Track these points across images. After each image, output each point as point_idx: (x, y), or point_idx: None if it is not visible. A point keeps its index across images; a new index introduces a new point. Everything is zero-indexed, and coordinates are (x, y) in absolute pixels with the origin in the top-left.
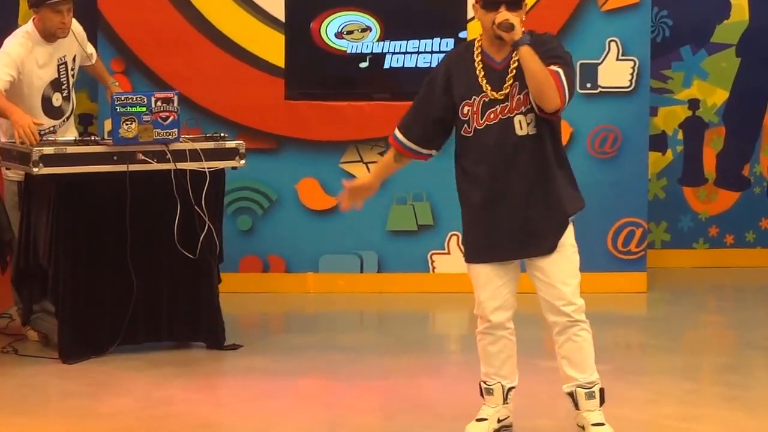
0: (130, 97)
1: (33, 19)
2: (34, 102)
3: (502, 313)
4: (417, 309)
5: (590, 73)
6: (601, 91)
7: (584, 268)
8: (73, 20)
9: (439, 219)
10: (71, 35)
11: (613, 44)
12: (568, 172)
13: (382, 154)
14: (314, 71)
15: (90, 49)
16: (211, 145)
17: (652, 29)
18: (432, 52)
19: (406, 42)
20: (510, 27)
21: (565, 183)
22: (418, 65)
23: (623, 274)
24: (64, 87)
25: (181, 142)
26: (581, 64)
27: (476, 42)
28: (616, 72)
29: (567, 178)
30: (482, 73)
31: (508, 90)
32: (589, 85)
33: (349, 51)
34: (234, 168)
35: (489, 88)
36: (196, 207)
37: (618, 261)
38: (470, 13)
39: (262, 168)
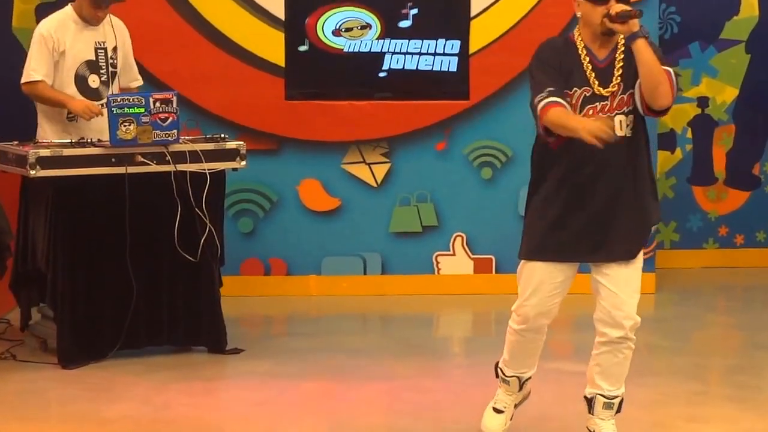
0: (127, 98)
1: (72, 4)
2: (66, 77)
3: (543, 320)
4: (421, 311)
5: None
6: None
7: None
8: (118, 19)
9: (443, 220)
10: (112, 27)
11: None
12: (653, 181)
13: (385, 154)
14: (314, 70)
15: (136, 74)
16: (211, 146)
17: (659, 26)
18: (435, 54)
19: (407, 42)
20: (629, 16)
21: (651, 190)
22: (419, 68)
23: None
24: (102, 71)
25: (181, 143)
26: None
27: (575, 38)
28: None
29: (653, 186)
30: (590, 66)
31: (615, 88)
32: None
33: (346, 49)
34: (234, 169)
35: (596, 83)
36: (196, 209)
37: None
38: (474, 11)
39: (263, 169)
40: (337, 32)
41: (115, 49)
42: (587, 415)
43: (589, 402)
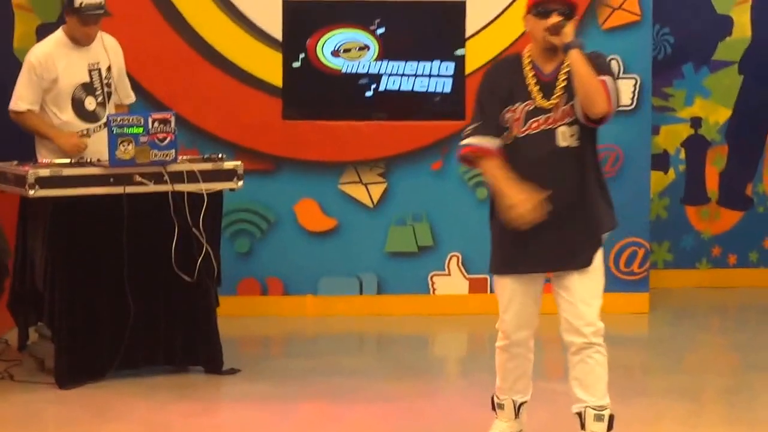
0: (126, 118)
1: (63, 27)
2: (62, 101)
3: (523, 332)
4: (417, 332)
5: None
6: None
7: None
8: (110, 36)
9: (439, 240)
10: (104, 46)
11: (614, 62)
12: (605, 189)
13: (381, 175)
14: (311, 91)
15: (129, 90)
16: (208, 166)
17: (653, 47)
18: (430, 76)
19: (404, 63)
20: (560, 27)
21: (602, 200)
22: (415, 89)
23: (625, 294)
24: (98, 93)
25: (179, 163)
26: None
27: (525, 53)
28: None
29: (604, 195)
30: (533, 80)
31: (557, 100)
32: None
33: (344, 70)
34: (232, 190)
35: (539, 95)
36: (193, 229)
37: (620, 281)
38: (468, 32)
39: (260, 189)
40: (335, 53)
41: (108, 68)
42: None
43: (580, 417)
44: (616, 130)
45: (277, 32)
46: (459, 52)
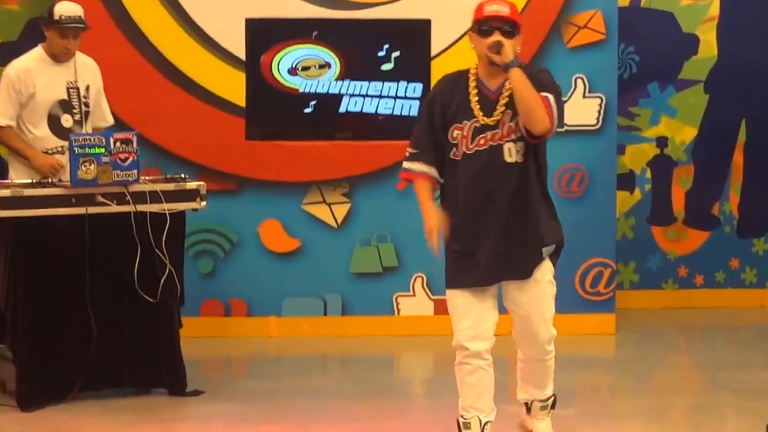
0: (88, 138)
1: (42, 44)
2: (37, 117)
3: (479, 343)
4: (382, 352)
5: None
6: (567, 130)
7: None
8: (89, 57)
9: (403, 260)
10: (83, 66)
11: (579, 81)
12: (549, 204)
13: (345, 194)
14: (275, 110)
15: (107, 113)
16: (171, 186)
17: (618, 66)
18: (396, 98)
19: (368, 83)
20: (499, 46)
21: (546, 214)
22: (379, 112)
23: (591, 315)
24: (75, 111)
25: (141, 183)
26: None
27: (471, 70)
28: (582, 109)
29: (548, 209)
30: (476, 98)
31: (499, 117)
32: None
33: (302, 90)
34: (195, 210)
35: (481, 113)
36: (156, 250)
37: (586, 302)
38: (434, 50)
39: (224, 210)
40: (293, 71)
41: (87, 88)
42: (524, 416)
43: (527, 406)
44: (582, 150)
45: (239, 50)
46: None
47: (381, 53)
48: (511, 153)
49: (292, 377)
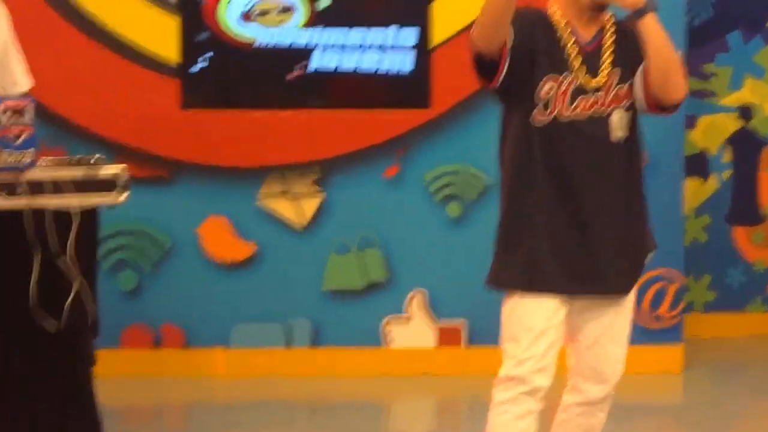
0: None
1: None
2: None
3: (542, 379)
4: (366, 398)
5: None
6: None
7: None
8: None
9: (395, 273)
10: None
11: None
12: (645, 199)
13: (316, 183)
14: (221, 69)
15: (19, 74)
16: (79, 173)
17: (687, 8)
18: (382, 48)
19: (347, 30)
20: None
21: (645, 212)
22: (360, 69)
23: (652, 347)
24: None
25: (39, 168)
26: None
27: (553, 12)
28: None
29: (646, 205)
30: (576, 49)
31: (605, 78)
32: None
33: (259, 43)
34: (112, 206)
35: (584, 69)
36: (60, 259)
37: (645, 330)
38: None
39: (152, 205)
40: (246, 16)
41: None
42: None
43: None
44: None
45: None
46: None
47: None
48: (621, 126)
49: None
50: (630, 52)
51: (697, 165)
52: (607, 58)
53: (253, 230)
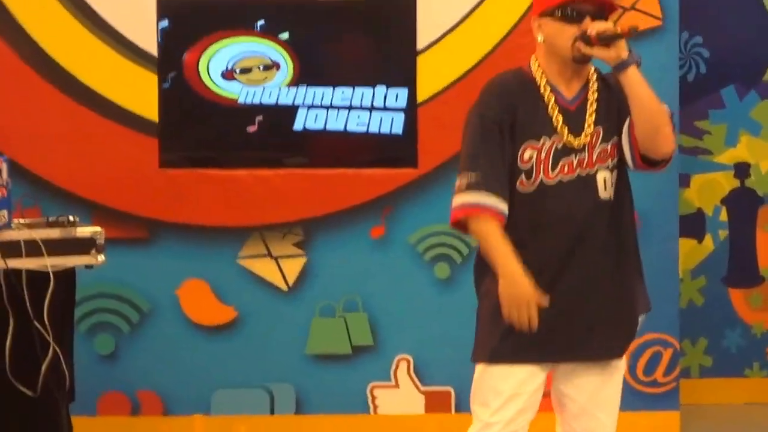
0: None
1: None
2: None
3: None
4: None
5: None
6: None
7: None
8: None
9: (382, 337)
10: None
11: None
12: (639, 259)
13: (297, 244)
14: (200, 127)
15: None
16: (55, 233)
17: (681, 63)
18: (372, 109)
19: (332, 90)
20: (616, 37)
21: (638, 270)
22: (348, 129)
23: (646, 413)
24: None
25: (14, 229)
26: None
27: (533, 70)
28: None
29: (639, 266)
30: (556, 108)
31: (588, 138)
32: None
33: (242, 100)
34: (89, 267)
35: (566, 129)
36: (35, 322)
37: (639, 395)
38: (421, 43)
39: (130, 266)
40: (229, 74)
41: None
42: None
43: None
44: (631, 181)
45: (150, 45)
46: None
47: (349, 48)
48: (606, 186)
49: None
50: (614, 108)
51: (693, 225)
52: (590, 115)
53: (233, 293)
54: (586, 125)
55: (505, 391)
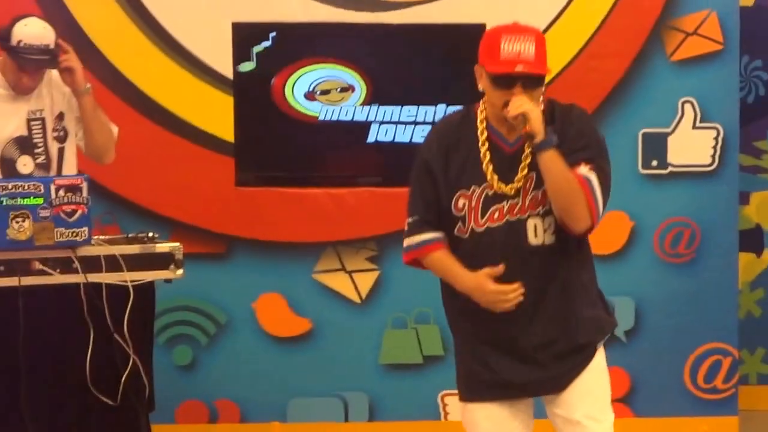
0: (20, 184)
1: None
2: None
3: None
4: None
5: (657, 146)
6: (672, 172)
7: (653, 412)
8: (54, 72)
9: (452, 347)
10: (54, 86)
11: (688, 107)
12: (593, 291)
13: (371, 259)
14: (277, 146)
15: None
16: (135, 249)
17: (741, 85)
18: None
19: (399, 108)
20: (529, 137)
21: (589, 305)
22: (414, 140)
23: (706, 419)
24: (38, 150)
25: (94, 245)
26: (644, 134)
27: (479, 111)
28: (692, 144)
29: (591, 298)
30: (488, 156)
31: (520, 183)
32: (655, 163)
33: (321, 117)
34: (167, 281)
35: (496, 177)
36: (115, 335)
37: (699, 402)
38: None
39: (207, 280)
40: (310, 95)
41: (61, 116)
42: None
43: None
44: (692, 199)
45: (226, 69)
46: None
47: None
48: (537, 232)
49: None
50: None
51: (751, 240)
52: (525, 159)
53: (308, 306)
54: (519, 170)
55: (487, 428)
